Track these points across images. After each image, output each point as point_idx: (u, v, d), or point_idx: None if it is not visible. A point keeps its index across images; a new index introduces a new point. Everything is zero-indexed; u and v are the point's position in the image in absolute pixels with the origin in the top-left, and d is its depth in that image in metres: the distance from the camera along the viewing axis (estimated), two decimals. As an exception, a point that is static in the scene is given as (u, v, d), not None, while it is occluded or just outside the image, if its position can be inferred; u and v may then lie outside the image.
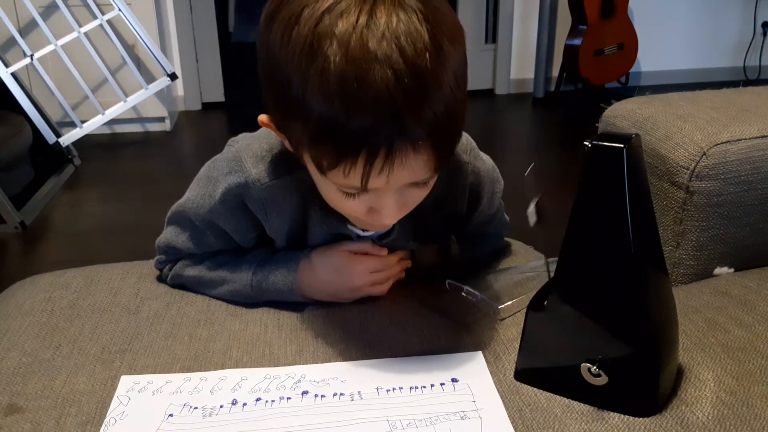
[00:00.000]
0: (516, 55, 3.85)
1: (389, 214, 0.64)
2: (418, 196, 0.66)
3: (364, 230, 0.77)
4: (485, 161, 0.80)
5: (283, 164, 0.72)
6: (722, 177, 0.84)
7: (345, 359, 0.69)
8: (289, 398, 0.64)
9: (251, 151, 0.73)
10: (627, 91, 3.77)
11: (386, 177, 0.58)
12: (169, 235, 0.82)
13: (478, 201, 0.81)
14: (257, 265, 0.78)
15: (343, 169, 0.58)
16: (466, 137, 0.78)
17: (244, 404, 0.63)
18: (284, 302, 0.79)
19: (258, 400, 0.64)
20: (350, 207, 0.65)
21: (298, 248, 0.79)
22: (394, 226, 0.78)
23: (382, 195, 0.62)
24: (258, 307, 0.79)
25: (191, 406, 0.63)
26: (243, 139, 0.77)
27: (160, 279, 0.86)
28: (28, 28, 2.94)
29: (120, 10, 2.85)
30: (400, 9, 0.55)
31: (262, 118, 0.66)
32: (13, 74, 2.65)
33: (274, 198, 0.73)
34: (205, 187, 0.76)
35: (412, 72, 0.54)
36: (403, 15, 0.55)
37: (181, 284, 0.83)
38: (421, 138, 0.56)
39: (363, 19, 0.54)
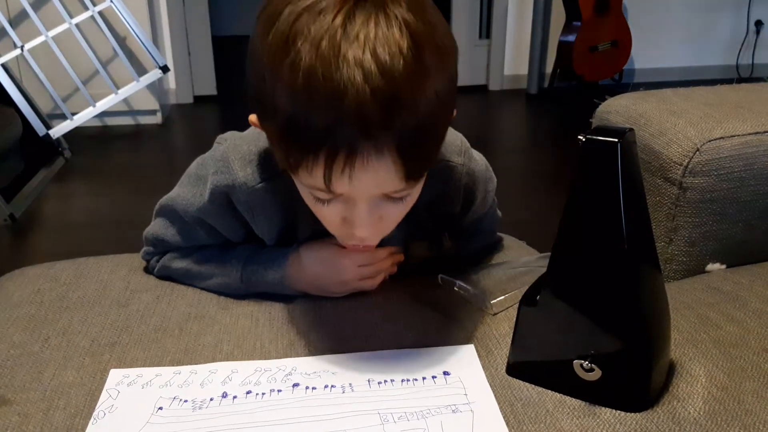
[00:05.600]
0: (510, 51, 3.85)
1: (361, 224, 0.62)
2: (396, 211, 0.64)
3: None
4: (478, 161, 0.80)
5: (271, 167, 0.71)
6: (715, 173, 0.84)
7: (336, 352, 0.69)
8: (279, 391, 0.64)
9: (239, 152, 0.72)
10: (620, 88, 3.77)
11: (348, 178, 0.56)
12: (158, 227, 0.81)
13: (472, 201, 0.81)
14: (246, 259, 0.78)
15: (307, 166, 0.57)
16: (460, 138, 0.78)
17: (235, 397, 0.63)
18: (275, 295, 0.78)
19: (248, 392, 0.64)
20: (324, 215, 0.64)
21: (288, 245, 0.79)
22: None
23: (353, 205, 0.61)
24: (249, 301, 0.78)
25: (181, 399, 0.63)
26: (231, 138, 0.75)
27: (147, 270, 0.86)
28: (18, 19, 2.91)
29: (112, 1, 2.83)
30: (382, 15, 0.54)
31: (252, 118, 0.65)
32: (3, 65, 2.63)
33: (261, 201, 0.73)
34: (195, 185, 0.76)
35: (383, 75, 0.52)
36: (384, 21, 0.53)
37: (168, 276, 0.83)
38: (386, 144, 0.55)
39: (339, 20, 0.53)
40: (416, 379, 0.65)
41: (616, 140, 0.54)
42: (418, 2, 0.56)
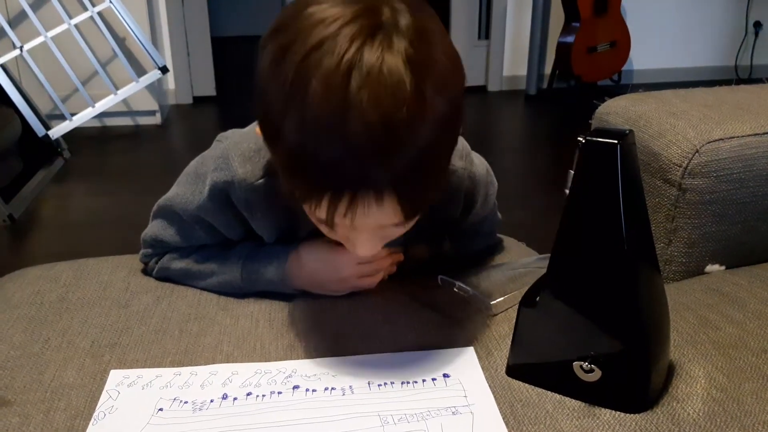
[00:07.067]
0: (509, 52, 3.85)
1: (362, 248, 0.65)
2: (396, 233, 0.66)
3: None
4: (479, 165, 0.80)
5: (270, 165, 0.71)
6: (714, 174, 0.84)
7: (336, 354, 0.69)
8: (279, 393, 0.64)
9: (239, 150, 0.73)
10: (619, 89, 3.78)
11: (350, 221, 0.59)
12: (156, 228, 0.81)
13: (473, 204, 0.81)
14: (246, 257, 0.78)
15: (310, 205, 0.60)
16: (461, 141, 0.78)
17: (235, 399, 0.63)
18: (276, 296, 0.78)
19: (249, 394, 0.64)
20: (327, 233, 0.67)
21: (288, 243, 0.79)
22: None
23: (356, 232, 0.64)
24: (249, 302, 0.79)
25: (181, 401, 0.63)
26: (232, 135, 0.76)
27: (146, 272, 0.86)
28: (17, 19, 2.91)
29: (111, 2, 2.83)
30: (387, 53, 0.54)
31: (258, 130, 0.67)
32: (2, 66, 2.63)
33: (260, 198, 0.73)
34: (194, 183, 0.76)
35: (385, 125, 0.53)
36: (390, 59, 0.53)
37: (167, 277, 0.83)
38: (385, 190, 0.57)
39: (346, 65, 0.53)
40: (416, 382, 0.65)
41: (616, 142, 0.54)
42: (424, 37, 0.56)
